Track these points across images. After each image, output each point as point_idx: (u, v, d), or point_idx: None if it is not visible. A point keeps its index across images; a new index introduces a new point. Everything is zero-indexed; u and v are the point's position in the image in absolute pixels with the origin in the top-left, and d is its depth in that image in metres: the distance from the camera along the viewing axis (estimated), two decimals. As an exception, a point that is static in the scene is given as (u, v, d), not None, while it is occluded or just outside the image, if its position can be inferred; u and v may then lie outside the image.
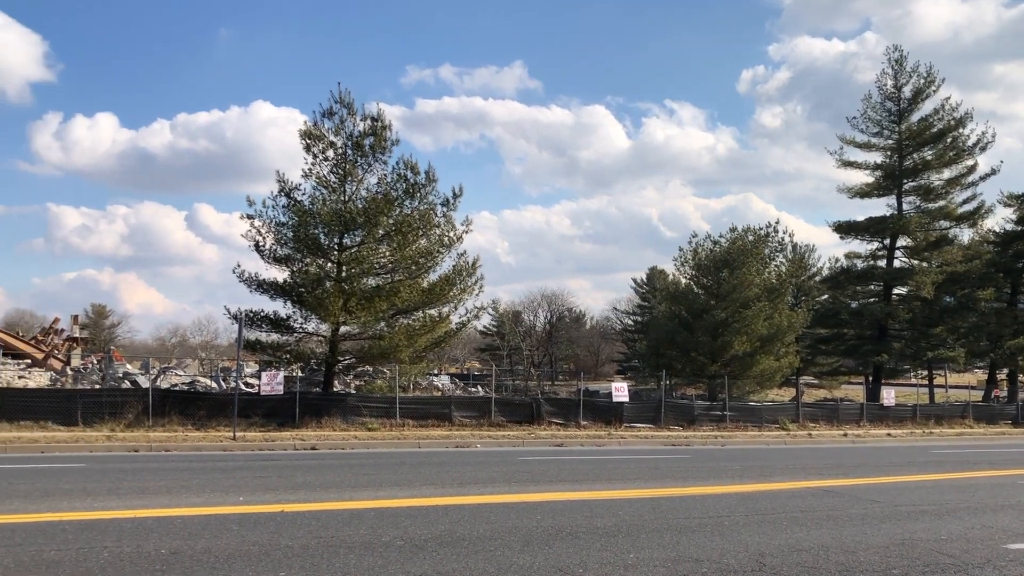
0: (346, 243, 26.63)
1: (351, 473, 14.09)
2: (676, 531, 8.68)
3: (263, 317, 26.89)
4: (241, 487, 11.56)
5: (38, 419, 22.01)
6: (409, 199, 26.60)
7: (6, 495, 10.19)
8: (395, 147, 26.91)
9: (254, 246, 26.84)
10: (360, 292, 25.81)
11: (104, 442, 19.32)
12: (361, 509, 9.65)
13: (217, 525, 8.30)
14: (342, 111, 26.41)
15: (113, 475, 12.92)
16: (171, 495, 10.59)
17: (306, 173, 26.77)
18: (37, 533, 7.60)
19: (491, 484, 12.76)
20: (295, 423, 24.20)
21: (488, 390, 36.96)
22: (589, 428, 27.85)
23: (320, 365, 28.87)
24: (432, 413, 26.89)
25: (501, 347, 65.66)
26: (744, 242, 36.18)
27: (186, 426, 22.84)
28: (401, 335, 25.83)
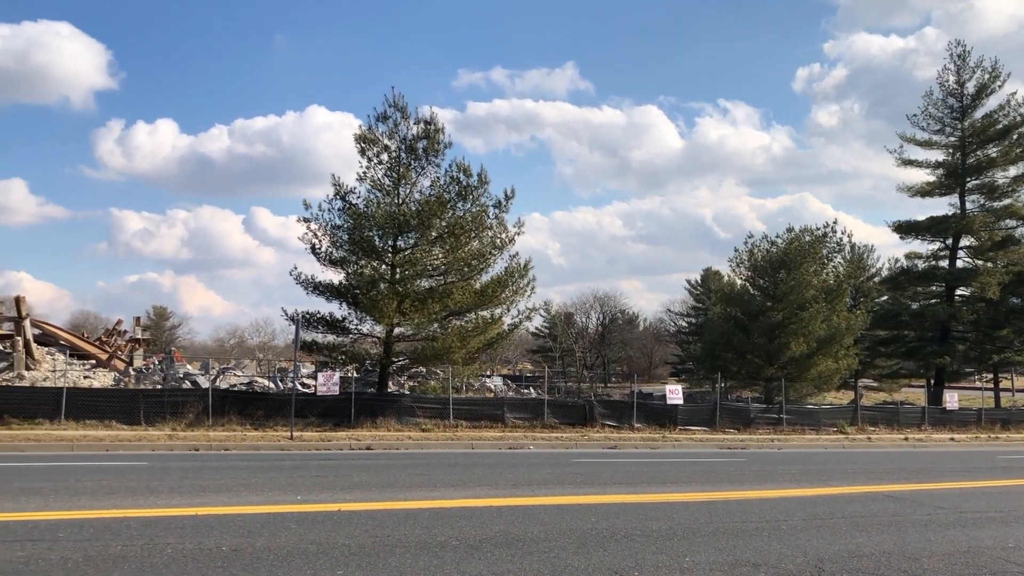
0: (400, 245, 26.87)
1: (406, 473, 14.20)
2: (732, 535, 8.58)
3: (319, 318, 27.28)
4: (299, 486, 11.73)
5: (103, 418, 22.60)
6: (462, 201, 26.74)
7: (74, 492, 10.48)
8: (448, 150, 27.10)
9: (310, 249, 27.26)
10: (414, 294, 26.02)
11: (166, 441, 19.77)
12: (416, 509, 9.72)
13: (276, 523, 8.43)
14: (396, 115, 26.68)
15: (175, 473, 13.22)
16: (231, 493, 10.79)
17: (361, 176, 27.10)
18: (104, 529, 7.80)
19: (545, 486, 12.76)
20: (350, 423, 24.48)
21: (541, 392, 36.95)
22: (643, 431, 27.66)
23: (375, 366, 29.16)
24: (485, 414, 26.97)
25: (553, 349, 65.57)
26: (801, 242, 35.60)
27: (244, 426, 23.25)
28: (454, 336, 25.97)
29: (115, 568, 6.31)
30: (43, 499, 9.69)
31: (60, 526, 7.86)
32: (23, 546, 6.91)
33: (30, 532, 7.53)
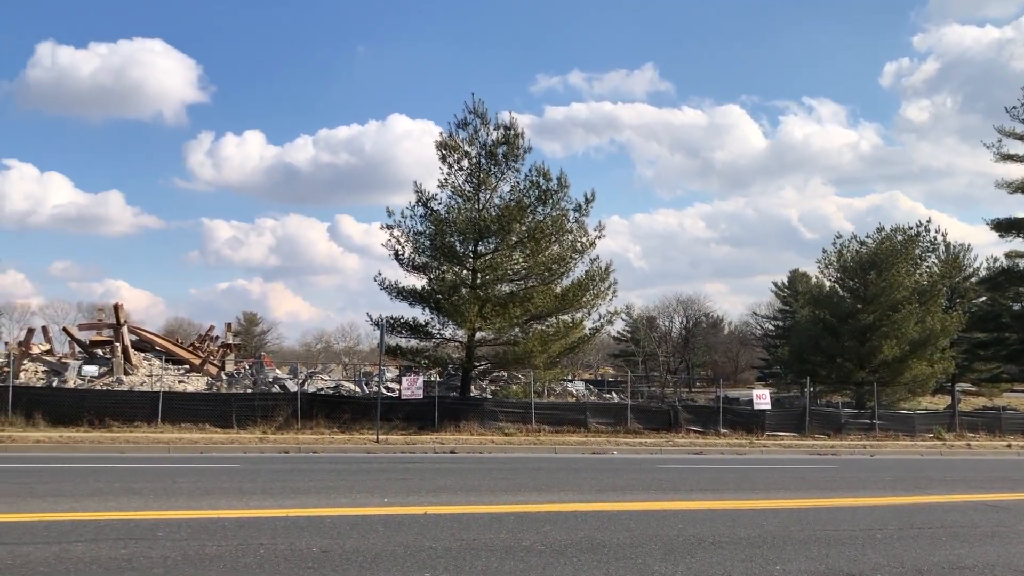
0: (481, 250, 27.04)
1: (490, 477, 14.25)
2: (824, 543, 8.34)
3: (403, 323, 27.66)
4: (385, 489, 11.89)
5: (197, 421, 23.36)
6: (542, 205, 26.77)
7: (172, 493, 10.85)
8: (527, 155, 27.18)
9: (393, 255, 27.68)
10: (495, 298, 26.15)
11: (256, 443, 20.30)
12: (501, 513, 9.74)
13: (364, 525, 8.56)
14: (476, 121, 26.88)
15: (265, 475, 13.55)
16: (320, 495, 11.01)
17: (442, 183, 27.40)
18: (199, 529, 8.05)
19: (630, 491, 12.64)
20: (434, 427, 24.73)
21: (623, 396, 36.68)
22: (729, 436, 27.17)
23: (457, 370, 29.40)
24: (567, 419, 26.90)
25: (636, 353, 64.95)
26: (892, 242, 34.50)
27: (332, 429, 23.71)
28: (535, 341, 25.99)
29: (211, 567, 6.49)
30: (143, 499, 10.06)
31: (159, 525, 8.15)
32: (126, 544, 7.17)
33: (132, 531, 7.82)
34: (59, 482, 11.77)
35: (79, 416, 22.42)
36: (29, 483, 11.57)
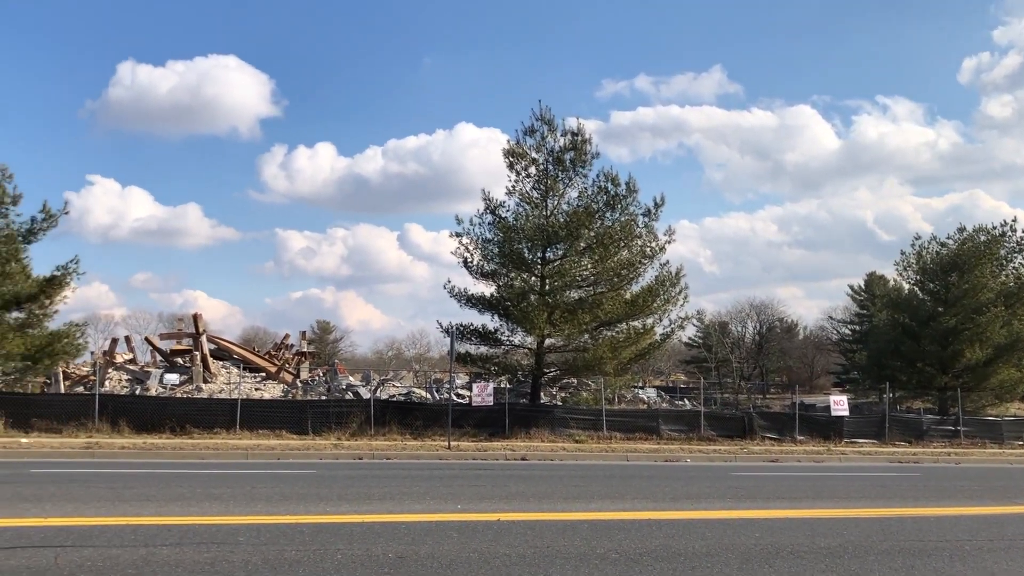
0: (549, 257, 27.05)
1: (561, 484, 14.21)
2: (909, 554, 8.08)
3: (472, 330, 27.83)
4: (458, 495, 11.95)
5: (274, 428, 23.85)
6: (610, 211, 26.68)
7: (251, 498, 11.10)
8: (595, 160, 27.12)
9: (462, 262, 27.90)
10: (563, 305, 26.12)
11: (331, 450, 20.63)
12: (574, 520, 9.69)
13: (439, 532, 8.61)
14: (543, 128, 26.94)
15: (341, 481, 13.76)
16: (394, 501, 11.13)
17: (509, 190, 27.52)
18: (278, 534, 8.20)
19: (704, 499, 12.46)
20: (505, 433, 24.78)
21: (696, 403, 36.21)
22: (806, 443, 26.57)
23: (526, 377, 29.43)
24: (639, 426, 26.66)
25: (708, 359, 64.07)
26: (975, 243, 33.35)
27: (404, 435, 23.96)
28: (605, 347, 25.87)
29: (291, 572, 6.61)
30: (224, 504, 10.31)
31: (240, 530, 8.33)
32: (208, 548, 7.35)
33: (214, 535, 8.02)
34: (144, 487, 12.14)
35: (161, 423, 23.10)
36: (116, 488, 11.96)
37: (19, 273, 24.71)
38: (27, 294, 24.65)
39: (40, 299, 24.95)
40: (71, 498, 10.58)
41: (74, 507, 9.71)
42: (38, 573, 6.33)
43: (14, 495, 10.77)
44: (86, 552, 7.04)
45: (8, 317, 25.00)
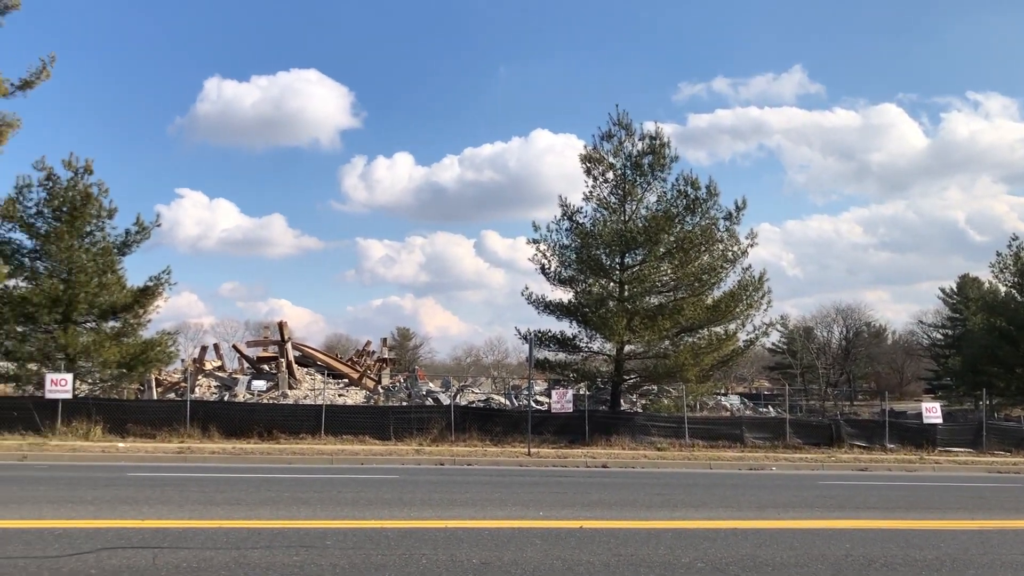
0: (628, 262, 26.87)
1: (644, 492, 14.06)
2: (1014, 568, 7.73)
3: (550, 337, 27.83)
4: (540, 502, 11.94)
5: (357, 433, 24.24)
6: (690, 215, 26.37)
7: (337, 502, 11.29)
8: (674, 164, 26.85)
9: (539, 269, 27.94)
10: (643, 311, 25.90)
11: (413, 455, 20.86)
12: (658, 529, 9.57)
13: (521, 538, 8.61)
14: (620, 133, 26.83)
15: (424, 487, 13.89)
16: (477, 507, 11.18)
17: (587, 196, 27.48)
18: (365, 538, 8.32)
19: (791, 508, 12.16)
20: (585, 440, 24.67)
21: (780, 410, 35.42)
22: (897, 452, 25.71)
23: (606, 383, 29.26)
24: (722, 433, 26.20)
25: (793, 365, 62.65)
26: (1077, 242, 31.80)
27: (484, 441, 24.07)
28: (687, 354, 25.54)
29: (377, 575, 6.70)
30: (311, 508, 10.51)
31: (328, 534, 8.48)
32: (297, 552, 7.50)
33: (303, 539, 8.18)
34: (234, 491, 12.47)
35: (249, 428, 23.72)
36: (208, 491, 12.32)
37: (115, 284, 25.77)
38: (122, 304, 25.69)
39: (134, 309, 25.96)
40: (166, 501, 10.94)
41: (169, 510, 10.04)
42: (138, 573, 6.55)
43: (113, 497, 11.20)
44: (182, 554, 7.27)
45: (105, 326, 26.09)
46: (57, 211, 24.89)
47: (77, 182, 25.21)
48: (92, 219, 25.37)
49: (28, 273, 25.20)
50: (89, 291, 24.65)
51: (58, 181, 25.06)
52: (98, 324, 26.03)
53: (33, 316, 24.31)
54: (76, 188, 25.09)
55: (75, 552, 7.21)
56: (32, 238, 25.14)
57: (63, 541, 7.72)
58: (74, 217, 24.78)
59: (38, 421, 22.53)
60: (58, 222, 24.77)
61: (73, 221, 24.75)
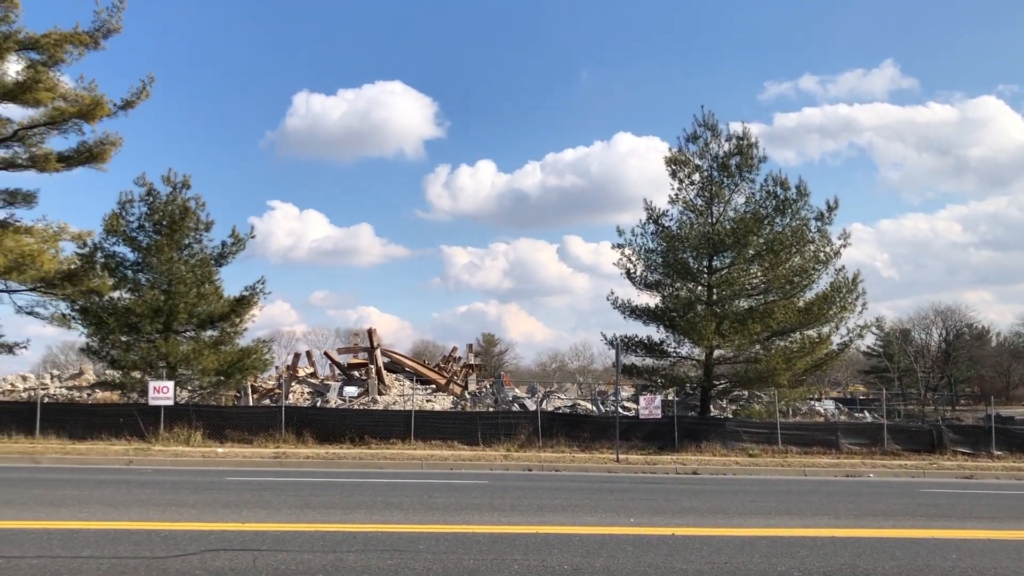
0: (716, 265, 26.46)
1: (736, 499, 13.80)
2: None
3: (637, 342, 27.60)
4: (630, 508, 11.84)
5: (445, 439, 24.49)
6: (780, 216, 25.82)
7: (428, 507, 11.42)
8: (762, 164, 26.33)
9: (625, 273, 27.77)
10: (732, 314, 25.46)
11: (501, 461, 20.95)
12: (752, 537, 9.37)
13: (613, 545, 8.55)
14: (706, 134, 26.48)
15: (512, 492, 13.94)
16: (567, 513, 11.15)
17: (672, 199, 27.16)
18: (456, 543, 8.39)
19: (891, 517, 11.74)
20: (674, 447, 24.37)
21: (877, 415, 34.27)
22: (1005, 459, 24.58)
23: (695, 389, 28.85)
24: (816, 439, 25.51)
25: (889, 369, 60.51)
26: None
27: (571, 447, 24.01)
28: (778, 358, 24.98)
29: (470, 580, 6.75)
30: (403, 513, 10.66)
31: (419, 539, 8.58)
32: (391, 555, 7.62)
33: (395, 543, 8.30)
34: (329, 495, 12.75)
35: (342, 434, 24.22)
36: (304, 495, 12.62)
37: (212, 294, 26.71)
38: (219, 313, 26.59)
39: (231, 318, 26.84)
40: (264, 505, 11.25)
41: (267, 513, 10.33)
42: (240, 574, 6.76)
43: (215, 501, 11.59)
44: (281, 556, 7.46)
45: (203, 335, 27.05)
46: (158, 225, 25.93)
47: (176, 196, 26.23)
48: (190, 232, 26.34)
49: (131, 285, 26.33)
50: (188, 301, 25.61)
51: (158, 196, 26.12)
52: (197, 333, 27.00)
53: (136, 326, 25.38)
54: (175, 202, 26.11)
55: (181, 553, 7.48)
56: (134, 251, 26.27)
57: (169, 542, 8.02)
58: (173, 230, 25.76)
59: (142, 427, 23.50)
60: (159, 235, 25.80)
61: (173, 234, 25.74)
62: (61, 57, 25.80)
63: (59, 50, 25.52)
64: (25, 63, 25.96)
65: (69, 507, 10.57)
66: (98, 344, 26.31)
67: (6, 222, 27.13)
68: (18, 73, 25.91)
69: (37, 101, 25.88)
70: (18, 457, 19.37)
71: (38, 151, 27.08)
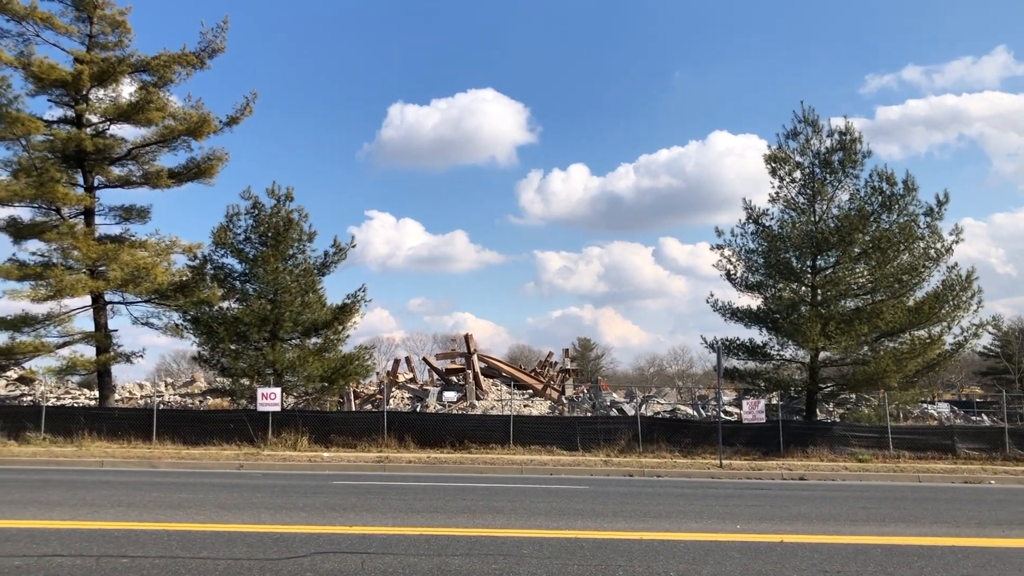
0: (820, 265, 25.71)
1: (846, 506, 13.33)
2: None
3: (738, 345, 27.05)
4: (736, 515, 11.58)
5: (544, 444, 24.52)
6: (886, 212, 24.90)
7: (530, 512, 11.43)
8: (866, 160, 25.44)
9: (725, 275, 27.25)
10: (838, 315, 24.68)
11: (601, 466, 20.82)
12: (865, 545, 9.04)
13: (719, 551, 8.37)
14: (806, 130, 25.78)
15: (614, 498, 13.82)
16: (670, 519, 10.98)
17: (773, 197, 26.55)
18: (560, 548, 8.37)
19: (1018, 526, 11.13)
20: (779, 452, 23.75)
21: (997, 419, 32.60)
22: None
23: (799, 392, 28.05)
24: (930, 444, 24.44)
25: (1009, 370, 57.55)
26: None
27: (673, 452, 23.68)
28: (888, 359, 24.06)
29: (575, 586, 6.71)
30: (506, 517, 10.70)
31: (523, 543, 8.60)
32: (495, 560, 7.65)
33: (499, 547, 8.33)
34: (432, 499, 12.91)
35: (441, 438, 24.53)
36: (407, 499, 12.82)
37: (316, 303, 27.46)
38: (323, 321, 27.31)
39: (334, 325, 27.53)
40: (370, 508, 11.47)
41: (373, 517, 10.52)
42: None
43: (322, 504, 11.88)
44: (387, 559, 7.59)
45: (308, 342, 27.82)
46: (263, 236, 26.81)
47: (280, 209, 27.07)
48: (294, 243, 27.14)
49: (239, 295, 27.32)
50: (293, 310, 26.39)
51: (263, 209, 27.01)
52: (302, 340, 27.80)
53: (245, 335, 26.30)
54: (279, 214, 26.95)
55: (292, 555, 7.69)
56: (242, 262, 27.24)
57: (280, 544, 8.26)
58: (278, 241, 26.59)
59: (251, 432, 24.32)
60: (264, 247, 26.67)
61: (277, 245, 26.57)
62: (170, 77, 27.10)
63: (168, 71, 26.82)
64: (137, 85, 27.36)
65: (186, 509, 11.00)
66: (209, 352, 27.38)
67: (122, 237, 28.65)
68: (131, 95, 27.34)
69: (149, 121, 27.27)
70: (137, 462, 20.31)
71: (150, 168, 28.53)
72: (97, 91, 27.35)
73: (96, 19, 27.33)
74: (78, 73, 26.02)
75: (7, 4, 25.52)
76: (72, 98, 27.18)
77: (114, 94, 27.60)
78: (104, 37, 27.69)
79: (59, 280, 25.30)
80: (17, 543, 8.21)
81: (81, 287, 26.03)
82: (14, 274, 25.91)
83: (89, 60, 26.66)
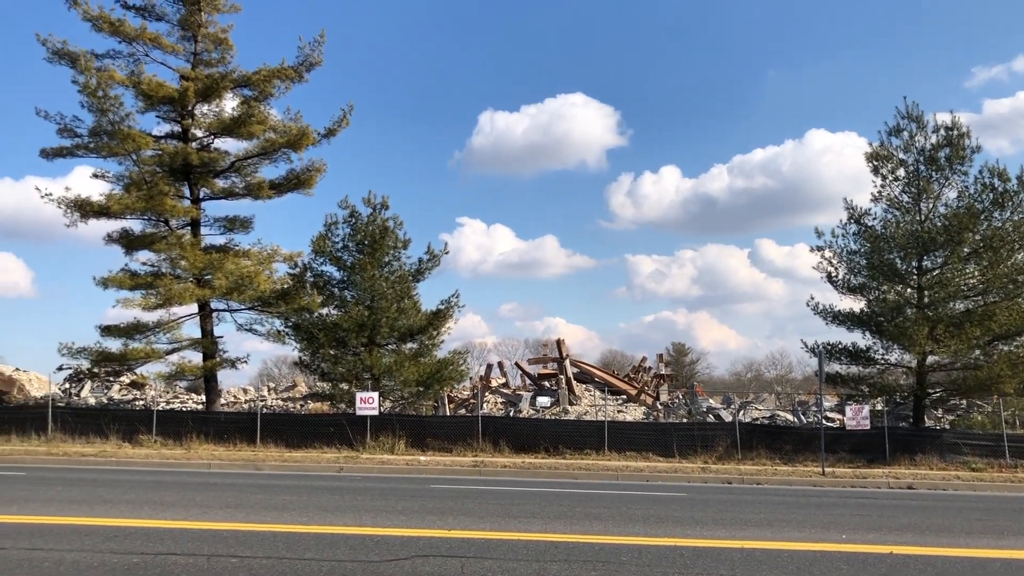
0: (926, 266, 24.72)
1: (959, 517, 12.76)
2: None
3: (841, 349, 26.25)
4: (841, 524, 11.22)
5: (640, 450, 24.26)
6: (998, 210, 23.78)
7: (627, 519, 11.33)
8: (975, 155, 24.33)
9: (825, 277, 26.48)
10: (947, 318, 23.69)
11: (699, 473, 20.48)
12: (982, 558, 8.64)
13: (824, 562, 8.13)
14: (910, 126, 24.85)
15: (713, 505, 13.58)
16: (771, 528, 10.72)
17: (875, 196, 25.68)
18: (659, 556, 8.26)
19: None
20: (885, 459, 22.92)
21: (1123, 426, 30.68)
22: None
23: (906, 398, 27.00)
24: (1051, 453, 23.17)
25: None
26: None
27: (773, 460, 23.11)
28: (1003, 364, 22.95)
29: (676, 594, 6.62)
30: (603, 524, 10.64)
31: (622, 550, 8.52)
32: (594, 567, 7.61)
33: (598, 554, 8.29)
34: (528, 504, 12.93)
35: (536, 443, 24.55)
36: (504, 504, 12.88)
37: (411, 309, 27.89)
38: (418, 327, 27.71)
39: (429, 331, 27.90)
40: (467, 512, 11.57)
41: (471, 521, 10.61)
42: (449, 580, 6.98)
43: (421, 508, 12.04)
44: (486, 563, 7.63)
45: (404, 348, 28.27)
46: (360, 244, 27.39)
47: (376, 217, 27.60)
48: (390, 250, 27.63)
49: (338, 302, 27.96)
50: (390, 316, 26.86)
51: (359, 217, 27.59)
52: (398, 346, 28.26)
53: (343, 340, 26.90)
54: (375, 223, 27.48)
55: (393, 558, 7.82)
56: (340, 270, 27.87)
57: (381, 547, 8.41)
58: (375, 249, 27.11)
59: (350, 436, 24.85)
60: (361, 254, 27.24)
61: (374, 253, 27.09)
62: (270, 92, 28.04)
63: (268, 85, 27.74)
64: (239, 99, 28.40)
65: (290, 511, 11.32)
66: (309, 358, 28.11)
67: (226, 247, 29.74)
68: (233, 109, 28.40)
69: (250, 134, 28.27)
70: (242, 464, 21.00)
71: (252, 180, 29.56)
72: (202, 106, 28.50)
73: (200, 37, 28.48)
74: (184, 90, 27.17)
75: (119, 27, 26.86)
76: (178, 114, 28.39)
77: (217, 109, 28.72)
78: (208, 54, 28.85)
79: (168, 289, 26.43)
80: (135, 541, 8.60)
81: (188, 295, 27.12)
82: (126, 283, 27.20)
83: (194, 77, 27.81)
